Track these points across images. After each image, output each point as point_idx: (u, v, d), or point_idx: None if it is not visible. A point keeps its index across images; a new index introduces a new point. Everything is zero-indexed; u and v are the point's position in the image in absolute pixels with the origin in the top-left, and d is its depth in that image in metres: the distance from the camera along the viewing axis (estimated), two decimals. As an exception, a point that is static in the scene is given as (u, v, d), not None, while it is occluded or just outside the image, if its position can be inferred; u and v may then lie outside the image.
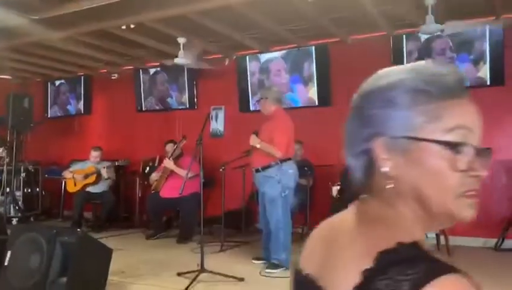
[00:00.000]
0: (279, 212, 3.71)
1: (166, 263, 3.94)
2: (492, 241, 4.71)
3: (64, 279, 2.82)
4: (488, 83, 4.87)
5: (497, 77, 4.83)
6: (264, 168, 3.78)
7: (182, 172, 4.88)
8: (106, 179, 5.83)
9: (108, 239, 4.53)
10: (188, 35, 5.31)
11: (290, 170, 3.85)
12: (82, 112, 7.58)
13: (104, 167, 5.77)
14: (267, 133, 3.84)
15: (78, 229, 3.11)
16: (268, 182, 3.75)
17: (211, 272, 3.27)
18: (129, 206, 6.68)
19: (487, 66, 4.88)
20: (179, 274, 3.40)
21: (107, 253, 3.10)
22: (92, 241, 3.10)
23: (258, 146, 3.78)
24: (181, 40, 5.34)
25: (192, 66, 5.60)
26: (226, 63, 6.28)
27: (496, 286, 3.22)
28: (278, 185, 3.73)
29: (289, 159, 3.84)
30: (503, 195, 4.81)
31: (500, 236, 4.62)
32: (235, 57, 6.24)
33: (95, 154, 5.95)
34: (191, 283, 3.08)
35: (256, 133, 3.90)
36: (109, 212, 5.90)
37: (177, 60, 5.32)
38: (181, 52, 5.32)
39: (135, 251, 4.62)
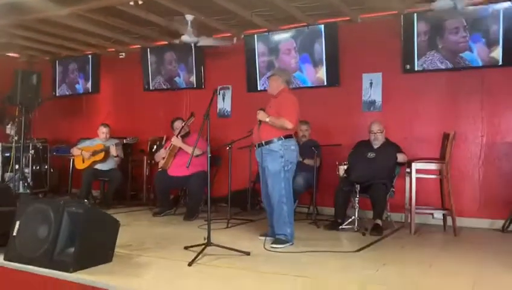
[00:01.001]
0: (281, 186, 3.71)
1: (173, 238, 3.97)
2: (499, 223, 4.68)
3: (72, 249, 2.85)
4: (500, 63, 4.79)
5: (510, 57, 4.74)
6: (268, 142, 3.76)
7: (190, 149, 4.87)
8: (115, 156, 5.85)
9: (115, 216, 4.53)
10: (196, 12, 5.26)
11: (293, 146, 3.84)
12: (90, 90, 7.57)
13: (113, 145, 5.78)
14: (275, 109, 3.82)
15: (86, 200, 3.12)
16: (271, 156, 3.74)
17: (217, 245, 3.29)
18: (136, 184, 6.73)
19: (500, 47, 4.79)
20: (185, 248, 3.42)
21: (114, 225, 3.12)
22: (99, 213, 3.13)
23: (267, 120, 3.75)
24: (189, 18, 5.30)
25: (201, 43, 5.53)
26: (234, 42, 6.22)
27: (503, 266, 3.21)
28: (281, 160, 3.72)
29: (291, 136, 3.82)
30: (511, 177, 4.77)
31: (508, 218, 4.59)
32: (243, 36, 6.18)
33: (104, 130, 5.96)
34: (198, 255, 3.10)
35: (263, 110, 3.87)
36: (117, 189, 5.93)
37: (184, 38, 5.28)
38: (188, 30, 5.28)
39: (142, 226, 4.66)
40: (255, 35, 6.07)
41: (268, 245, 3.60)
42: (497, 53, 4.80)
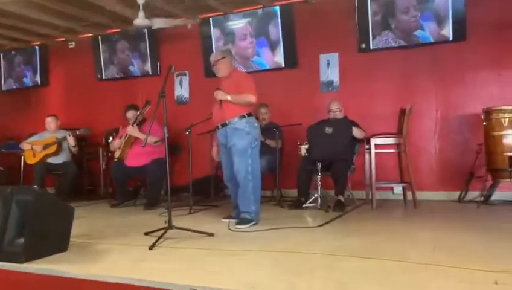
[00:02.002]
0: (248, 162, 3.65)
1: (134, 226, 3.83)
2: (455, 194, 4.84)
3: (22, 239, 2.68)
4: (451, 39, 4.92)
5: (459, 33, 4.88)
6: (232, 121, 3.69)
7: (148, 138, 4.71)
8: (73, 146, 5.58)
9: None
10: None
11: (256, 124, 3.82)
12: (39, 83, 7.22)
13: (69, 135, 5.50)
14: (232, 88, 3.73)
15: (35, 186, 2.94)
16: (237, 134, 3.67)
17: (179, 228, 3.19)
18: (93, 178, 6.49)
19: (449, 24, 4.92)
20: (146, 233, 3.30)
21: (69, 211, 2.96)
22: (51, 200, 2.95)
23: (228, 98, 3.67)
24: (140, 1, 5.11)
25: (155, 26, 5.35)
26: (189, 26, 6.08)
27: (459, 230, 3.31)
28: (248, 137, 3.67)
29: (251, 114, 3.78)
30: (466, 149, 4.92)
31: (464, 188, 4.75)
32: (198, 20, 6.05)
33: (49, 120, 5.70)
34: (159, 239, 2.99)
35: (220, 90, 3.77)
36: (72, 183, 5.67)
37: (136, 22, 5.10)
38: (141, 13, 5.09)
39: (100, 217, 4.49)
40: (210, 19, 5.96)
41: (233, 226, 3.54)
42: (447, 30, 4.94)
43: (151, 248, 2.87)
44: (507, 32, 4.78)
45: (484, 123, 4.35)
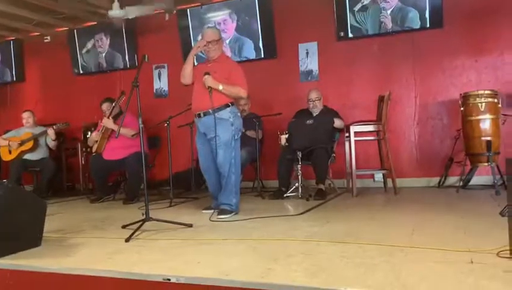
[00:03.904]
0: (232, 155, 3.56)
1: (111, 220, 3.75)
2: (435, 180, 4.88)
3: (-8, 235, 2.59)
4: (428, 26, 4.94)
5: (436, 20, 4.90)
6: (217, 110, 3.53)
7: (124, 130, 4.64)
8: (53, 140, 5.45)
9: (49, 206, 4.22)
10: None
11: (238, 113, 3.72)
12: (14, 79, 7.06)
13: (51, 128, 5.37)
14: (224, 75, 3.57)
15: (5, 180, 2.85)
16: (221, 124, 3.52)
17: (157, 220, 3.13)
18: (72, 174, 6.38)
19: (427, 10, 4.93)
20: (123, 227, 3.23)
21: (41, 206, 2.87)
22: (22, 194, 2.87)
23: (220, 88, 3.50)
24: (116, -9, 5.02)
25: (131, 15, 5.24)
26: (167, 18, 5.98)
27: (437, 214, 3.32)
28: (232, 128, 3.56)
29: (233, 103, 3.70)
30: (445, 135, 4.96)
31: (443, 174, 4.78)
32: (175, 11, 5.95)
33: (25, 116, 5.57)
34: (135, 231, 2.93)
35: (209, 75, 3.55)
36: (51, 180, 5.57)
37: (111, 13, 5.00)
38: (115, 4, 4.99)
39: (78, 213, 4.40)
40: (188, 10, 5.88)
41: (214, 217, 3.49)
42: (425, 17, 4.95)
43: (127, 240, 2.81)
44: (483, 19, 4.82)
45: (462, 108, 4.38)
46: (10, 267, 2.41)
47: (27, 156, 5.45)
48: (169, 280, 1.97)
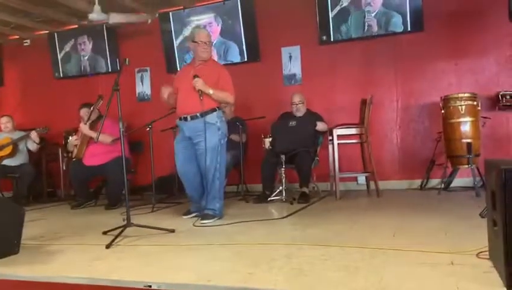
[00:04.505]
0: (218, 160, 3.51)
1: (92, 226, 3.68)
2: (417, 183, 4.93)
3: (-32, 243, 2.52)
4: (409, 29, 5.00)
5: (417, 24, 4.97)
6: (204, 114, 3.48)
7: (102, 137, 4.57)
8: (37, 143, 5.35)
9: (29, 212, 4.15)
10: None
11: (223, 118, 3.68)
12: (-8, 83, 6.92)
13: (35, 131, 5.27)
14: (213, 78, 3.53)
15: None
16: (209, 129, 3.45)
17: (138, 225, 3.09)
18: (53, 180, 6.27)
19: (407, 14, 4.99)
20: (104, 233, 3.17)
21: (18, 212, 2.81)
22: (-1, 200, 2.80)
23: (210, 92, 3.45)
24: (96, -5, 4.96)
25: (111, 20, 5.20)
26: (149, 21, 5.94)
27: (419, 216, 3.35)
28: (218, 132, 3.51)
29: (220, 107, 3.67)
30: (426, 138, 5.02)
31: (425, 176, 4.83)
32: (157, 14, 5.92)
33: (3, 120, 5.46)
34: (116, 237, 2.88)
35: (198, 77, 3.47)
36: (30, 186, 5.46)
37: (92, 16, 4.94)
38: (96, 7, 4.94)
39: (58, 219, 4.31)
40: (170, 13, 5.85)
41: (198, 222, 3.45)
42: (406, 21, 5.01)
43: (108, 246, 2.76)
44: (463, 23, 4.90)
45: (442, 111, 4.43)
46: (-14, 275, 2.35)
47: (6, 162, 5.33)
48: (150, 286, 1.94)
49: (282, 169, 4.40)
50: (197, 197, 3.72)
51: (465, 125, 4.31)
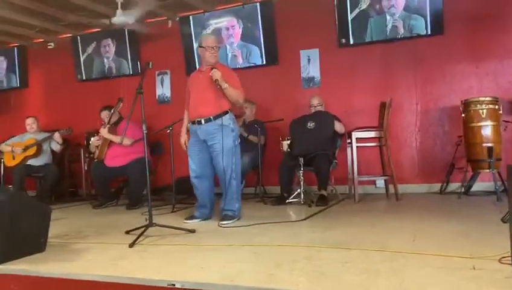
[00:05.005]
0: (233, 161, 3.56)
1: (114, 225, 3.77)
2: (436, 186, 4.89)
3: (-3, 240, 2.61)
4: (429, 32, 4.97)
5: (437, 27, 4.94)
6: (217, 116, 3.54)
7: (118, 139, 4.69)
8: (60, 144, 5.49)
9: (52, 212, 4.25)
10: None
11: (235, 120, 3.74)
12: (18, 85, 7.10)
13: (58, 132, 5.42)
14: (224, 78, 3.55)
15: (10, 186, 2.87)
16: (221, 131, 3.51)
17: (160, 225, 3.15)
18: (75, 180, 6.40)
19: (428, 18, 4.97)
20: (127, 232, 3.25)
21: (46, 211, 2.90)
22: (26, 200, 2.91)
23: (226, 86, 3.49)
24: (119, -1, 5.06)
25: (133, 26, 5.30)
26: (169, 25, 6.04)
27: (439, 221, 3.34)
28: (232, 134, 3.58)
29: (231, 110, 3.70)
30: (446, 141, 4.98)
31: (445, 180, 4.79)
32: (178, 18, 6.01)
33: (29, 122, 5.61)
34: (139, 236, 2.95)
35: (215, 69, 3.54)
36: (53, 186, 5.59)
37: (114, 20, 5.04)
38: (119, 11, 5.04)
39: (81, 218, 4.41)
40: (190, 17, 5.92)
41: (219, 223, 3.50)
42: (426, 24, 4.99)
43: (131, 245, 2.83)
44: (483, 25, 4.85)
45: (463, 115, 4.40)
46: (15, 272, 2.43)
47: (30, 162, 5.47)
48: (174, 285, 1.99)
49: (301, 171, 4.42)
50: (207, 201, 3.77)
51: (486, 129, 4.27)
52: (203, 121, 3.60)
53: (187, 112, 3.83)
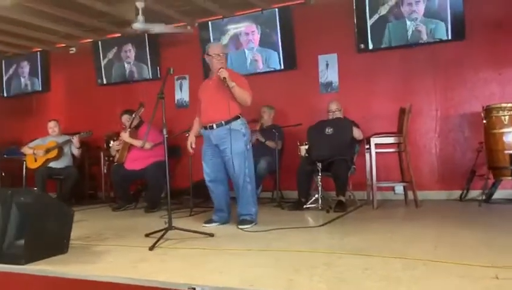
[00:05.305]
0: (246, 165, 3.60)
1: (134, 228, 3.83)
2: (456, 193, 4.82)
3: (23, 241, 2.67)
4: (450, 38, 4.92)
5: (458, 32, 4.88)
6: (229, 121, 3.60)
7: (140, 143, 4.76)
8: (78, 147, 5.59)
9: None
10: (146, -1, 5.13)
11: (246, 124, 3.75)
12: (40, 89, 7.26)
13: (76, 136, 5.52)
14: (231, 78, 3.59)
15: (35, 188, 2.94)
16: (234, 136, 3.57)
17: (179, 229, 3.18)
18: (95, 182, 6.50)
19: (448, 22, 4.92)
20: (146, 235, 3.29)
21: (68, 214, 2.95)
22: (50, 201, 2.96)
23: (232, 84, 3.52)
24: (140, 5, 5.14)
25: (153, 31, 5.38)
26: (189, 29, 6.10)
27: (460, 228, 3.29)
28: (244, 138, 3.63)
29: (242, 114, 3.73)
30: (467, 147, 4.92)
31: (465, 187, 4.72)
32: (197, 24, 6.07)
33: (51, 125, 5.72)
34: (159, 239, 2.98)
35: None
36: (73, 188, 5.68)
37: (135, 25, 5.12)
38: (140, 17, 5.12)
39: (101, 221, 4.48)
40: (209, 23, 5.98)
41: (237, 227, 3.53)
42: (446, 29, 4.94)
43: (151, 248, 2.87)
44: (506, 31, 4.78)
45: (484, 121, 4.34)
46: (39, 272, 2.48)
47: (52, 164, 5.58)
48: (194, 288, 2.01)
49: (319, 177, 4.41)
50: (224, 205, 3.80)
51: (509, 136, 4.20)
52: (214, 126, 3.66)
53: (197, 119, 3.91)
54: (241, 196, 3.65)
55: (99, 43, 6.69)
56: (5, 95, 7.50)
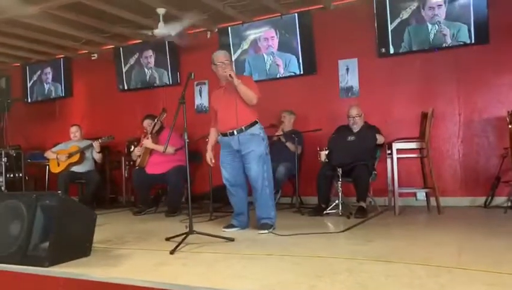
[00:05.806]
0: (265, 169, 3.63)
1: (155, 232, 3.85)
2: (480, 200, 4.72)
3: (47, 244, 2.72)
4: (473, 41, 4.84)
5: (482, 36, 4.80)
6: (248, 126, 3.64)
7: (162, 148, 4.79)
8: (98, 152, 5.68)
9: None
10: (167, 5, 5.18)
11: (264, 129, 3.78)
12: (63, 94, 7.41)
13: (98, 141, 5.61)
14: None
15: (59, 192, 2.99)
16: (254, 140, 3.62)
17: (200, 233, 3.19)
18: (116, 187, 6.58)
19: (472, 26, 4.84)
20: (167, 239, 3.31)
21: (91, 217, 3.00)
22: (74, 205, 3.00)
23: (238, 81, 3.55)
24: (160, 11, 5.21)
25: (173, 39, 5.45)
26: (208, 36, 6.16)
27: (485, 235, 3.22)
28: (263, 143, 3.66)
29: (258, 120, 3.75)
30: (491, 153, 4.82)
31: (490, 194, 4.62)
32: (216, 29, 6.12)
33: (73, 130, 5.82)
34: (180, 243, 2.99)
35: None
36: (95, 192, 5.77)
37: (156, 32, 5.19)
38: (161, 24, 5.18)
39: (122, 224, 4.53)
40: (229, 28, 6.02)
41: (258, 232, 3.53)
42: (470, 33, 4.85)
43: (172, 252, 2.88)
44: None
45: (510, 126, 4.24)
46: (62, 275, 2.52)
47: (74, 168, 5.67)
48: (215, 293, 2.01)
49: (339, 182, 4.37)
50: (244, 209, 3.81)
51: (535, 142, 4.10)
52: (235, 132, 3.67)
53: (213, 130, 3.94)
54: (260, 199, 3.66)
55: (121, 49, 6.80)
56: (29, 100, 7.67)
